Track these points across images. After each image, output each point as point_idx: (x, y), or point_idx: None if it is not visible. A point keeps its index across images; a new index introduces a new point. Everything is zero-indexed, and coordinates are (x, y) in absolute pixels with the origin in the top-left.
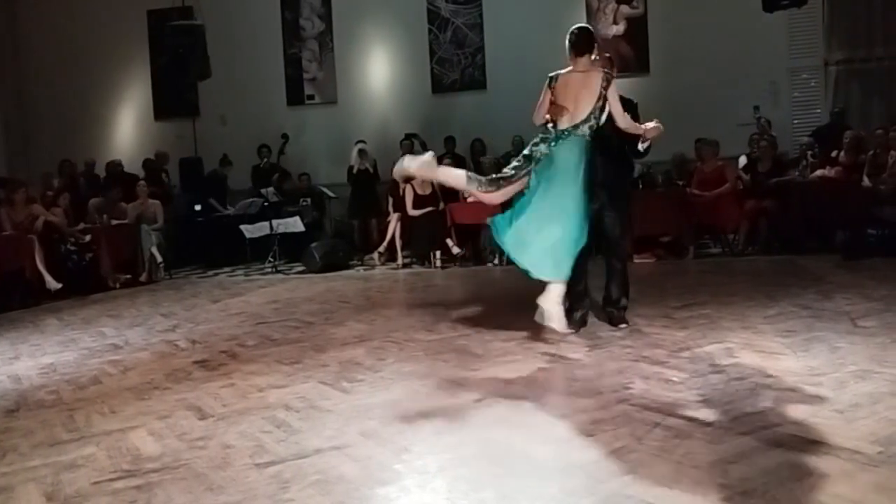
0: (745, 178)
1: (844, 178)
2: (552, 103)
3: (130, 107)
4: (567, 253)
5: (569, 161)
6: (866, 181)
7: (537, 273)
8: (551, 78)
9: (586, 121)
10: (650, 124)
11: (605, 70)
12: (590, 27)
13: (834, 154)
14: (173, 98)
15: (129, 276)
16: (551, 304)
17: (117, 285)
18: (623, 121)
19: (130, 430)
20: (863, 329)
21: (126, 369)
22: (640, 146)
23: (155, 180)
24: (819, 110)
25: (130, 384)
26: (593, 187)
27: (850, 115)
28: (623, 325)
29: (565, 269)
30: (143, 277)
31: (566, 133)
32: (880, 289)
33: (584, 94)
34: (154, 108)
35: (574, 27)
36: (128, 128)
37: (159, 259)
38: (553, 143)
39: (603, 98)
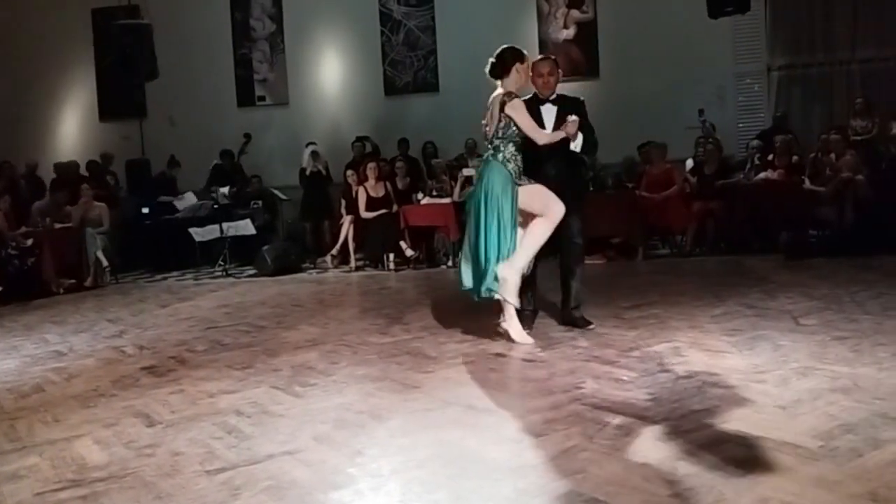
0: (693, 181)
1: (786, 180)
2: None
3: (74, 107)
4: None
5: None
6: (807, 183)
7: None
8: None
9: (490, 142)
10: (567, 124)
11: (505, 93)
12: (510, 49)
13: (770, 157)
14: (119, 98)
15: (73, 281)
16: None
17: (61, 290)
18: (537, 136)
19: (75, 439)
20: (804, 327)
21: (70, 377)
22: (573, 146)
23: (100, 182)
24: (763, 114)
25: (75, 392)
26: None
27: (792, 118)
28: (592, 326)
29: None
30: (88, 282)
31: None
32: (821, 288)
33: (490, 117)
34: (99, 109)
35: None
36: (71, 128)
37: (105, 263)
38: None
39: (505, 119)
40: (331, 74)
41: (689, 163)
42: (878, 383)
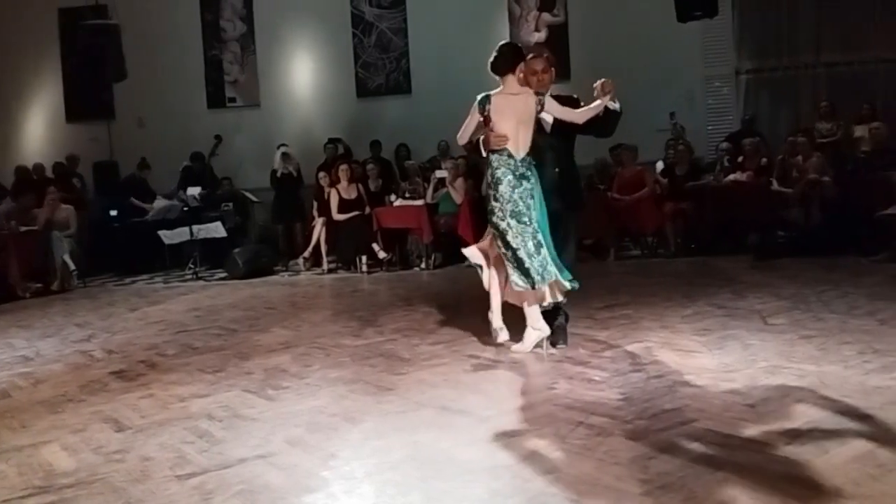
0: (663, 182)
1: (755, 182)
2: (490, 129)
3: (40, 108)
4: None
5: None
6: (775, 185)
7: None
8: (483, 99)
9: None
10: (600, 86)
11: (538, 92)
12: (515, 45)
13: (740, 160)
14: (87, 99)
15: (40, 285)
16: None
17: (27, 295)
18: (580, 116)
19: (43, 445)
20: (773, 327)
21: (37, 382)
22: (614, 106)
23: (66, 185)
24: (731, 117)
25: (42, 397)
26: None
27: (760, 121)
28: (562, 346)
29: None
30: (55, 286)
31: (526, 161)
32: (789, 288)
33: (524, 123)
34: (66, 110)
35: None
36: (37, 130)
37: (72, 267)
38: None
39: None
40: (302, 76)
41: (660, 165)
42: (844, 381)
